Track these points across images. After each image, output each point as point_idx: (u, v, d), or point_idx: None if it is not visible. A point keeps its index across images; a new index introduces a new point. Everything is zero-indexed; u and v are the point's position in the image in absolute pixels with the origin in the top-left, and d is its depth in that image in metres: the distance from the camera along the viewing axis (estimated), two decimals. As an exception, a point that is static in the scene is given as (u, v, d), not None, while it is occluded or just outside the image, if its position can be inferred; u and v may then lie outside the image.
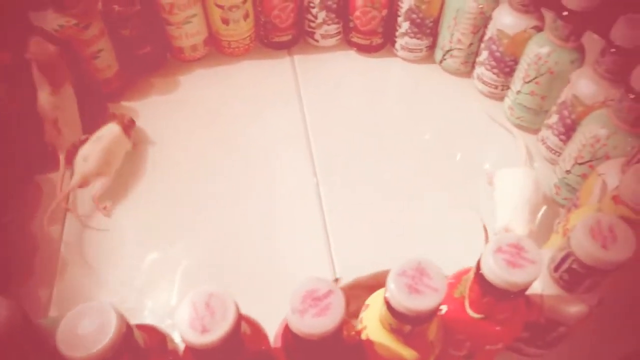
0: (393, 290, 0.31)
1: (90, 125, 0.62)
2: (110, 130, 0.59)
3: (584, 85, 0.52)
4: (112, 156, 0.58)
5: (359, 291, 0.45)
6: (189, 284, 0.52)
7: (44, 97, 0.57)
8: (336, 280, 0.49)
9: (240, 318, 0.31)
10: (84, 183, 0.57)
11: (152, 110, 0.67)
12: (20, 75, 0.57)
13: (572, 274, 0.36)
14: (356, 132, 0.66)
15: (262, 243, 0.56)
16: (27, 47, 0.55)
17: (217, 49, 0.72)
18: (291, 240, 0.56)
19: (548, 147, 0.60)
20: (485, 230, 0.54)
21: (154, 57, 0.69)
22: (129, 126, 0.61)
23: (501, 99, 0.67)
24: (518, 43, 0.60)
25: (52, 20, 0.58)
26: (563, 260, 0.36)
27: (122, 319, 0.31)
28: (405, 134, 0.66)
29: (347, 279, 0.49)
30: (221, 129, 0.66)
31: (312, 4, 0.68)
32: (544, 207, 0.56)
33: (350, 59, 0.74)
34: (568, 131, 0.56)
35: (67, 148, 0.59)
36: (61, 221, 0.57)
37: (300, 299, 0.31)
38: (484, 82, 0.67)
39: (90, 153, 0.57)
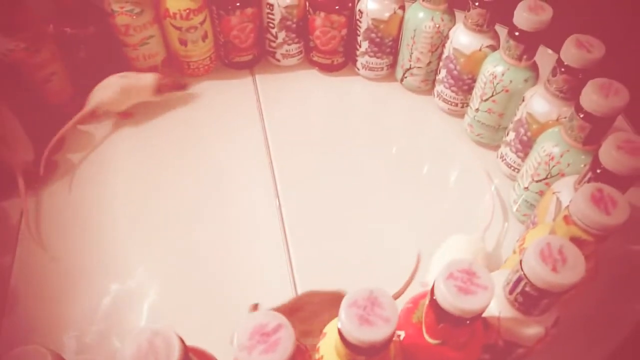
0: (344, 322, 0.31)
1: (47, 151, 0.60)
2: (143, 76, 0.63)
3: (537, 103, 0.53)
4: (128, 97, 0.62)
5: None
6: (154, 312, 0.51)
7: None
8: (255, 305, 0.48)
9: (186, 353, 0.30)
10: (95, 113, 0.62)
11: (108, 134, 0.65)
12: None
13: (526, 297, 0.36)
14: (319, 151, 0.66)
15: (225, 266, 0.55)
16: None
17: (177, 70, 0.71)
18: (254, 262, 0.55)
19: (507, 164, 0.60)
20: (418, 261, 0.52)
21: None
22: (166, 85, 0.65)
23: (461, 116, 0.68)
24: (474, 61, 0.60)
25: (0, 45, 0.56)
26: (516, 283, 0.36)
27: None
28: (369, 152, 0.66)
29: (267, 304, 0.47)
30: (182, 150, 0.65)
31: (271, 24, 0.68)
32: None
33: (313, 78, 0.74)
34: (525, 148, 0.57)
35: (21, 167, 0.56)
36: (12, 250, 0.55)
37: (248, 335, 0.30)
38: (444, 100, 0.67)
39: (111, 84, 0.62)
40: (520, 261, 0.35)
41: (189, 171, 0.63)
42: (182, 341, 0.30)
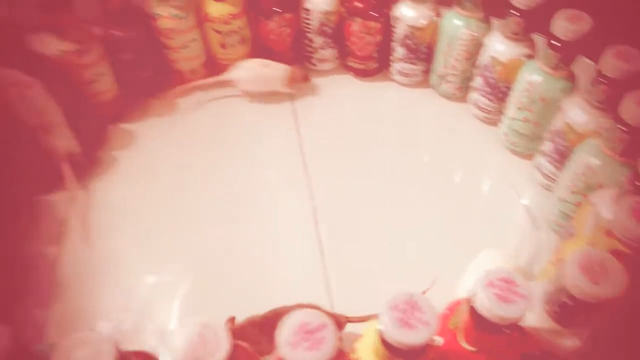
0: (386, 324, 0.31)
1: (91, 147, 0.63)
2: (279, 67, 0.68)
3: (576, 113, 0.53)
4: (261, 83, 0.68)
5: (251, 329, 0.45)
6: (187, 306, 0.53)
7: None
8: (231, 319, 0.47)
9: (234, 347, 0.32)
10: (227, 83, 0.69)
11: (151, 133, 0.68)
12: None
13: (565, 308, 0.36)
14: (352, 155, 0.66)
15: (259, 267, 0.56)
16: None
17: (216, 72, 0.73)
18: (288, 266, 0.56)
19: (543, 174, 0.60)
20: (432, 282, 0.50)
21: (153, 80, 0.69)
22: (295, 79, 0.69)
23: (496, 124, 0.68)
24: (511, 70, 0.60)
25: (52, 46, 0.59)
26: (555, 294, 0.36)
27: (116, 350, 0.31)
28: (401, 158, 0.66)
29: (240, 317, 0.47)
30: (218, 152, 0.66)
31: (308, 30, 0.69)
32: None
33: (347, 83, 0.74)
34: (562, 158, 0.56)
35: (66, 157, 0.59)
36: (59, 243, 0.57)
37: (292, 332, 0.31)
38: (478, 108, 0.67)
39: (251, 68, 0.68)
40: (560, 272, 0.35)
41: (226, 170, 0.64)
42: (230, 336, 0.31)
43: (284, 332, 0.31)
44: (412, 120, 0.71)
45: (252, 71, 0.68)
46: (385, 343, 0.32)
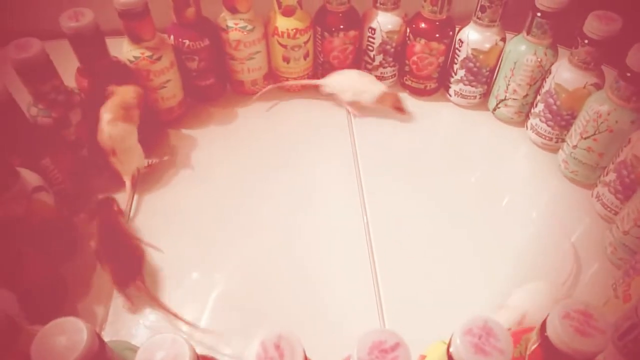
0: (459, 348, 0.31)
1: (150, 150, 0.65)
2: (376, 83, 0.71)
3: (646, 146, 0.52)
4: (356, 93, 0.70)
5: None
6: (222, 310, 0.54)
7: (102, 127, 0.58)
8: None
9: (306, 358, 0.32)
10: (320, 89, 0.72)
11: (209, 138, 0.70)
12: (94, 100, 0.60)
13: (638, 344, 0.35)
14: (406, 173, 0.67)
15: (306, 278, 0.56)
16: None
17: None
18: (337, 281, 0.56)
19: (603, 204, 0.59)
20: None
21: (215, 88, 0.72)
22: (387, 101, 0.70)
23: (554, 150, 0.67)
24: (576, 98, 0.60)
25: (127, 52, 0.62)
26: (629, 330, 0.36)
27: (93, 336, 0.32)
28: (455, 179, 0.66)
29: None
30: (274, 161, 0.68)
31: (370, 47, 0.71)
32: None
33: (404, 101, 0.75)
34: (626, 190, 0.55)
35: (133, 173, 0.61)
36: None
37: (367, 350, 0.31)
38: (537, 133, 0.67)
39: (350, 77, 0.71)
40: (637, 308, 0.35)
41: (280, 182, 0.65)
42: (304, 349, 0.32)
43: (359, 350, 0.31)
44: (468, 142, 0.71)
45: (350, 80, 0.71)
46: (456, 366, 0.32)
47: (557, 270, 0.56)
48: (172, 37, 0.65)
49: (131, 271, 0.54)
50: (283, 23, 0.66)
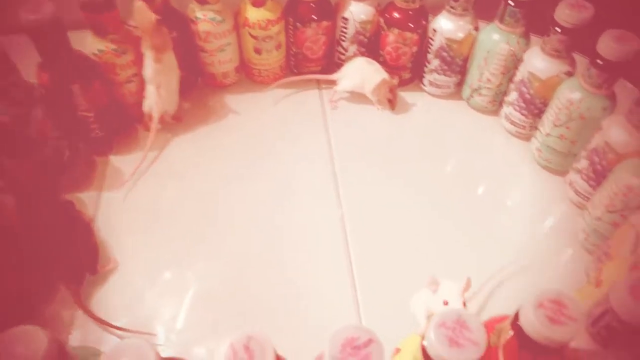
0: (433, 342, 0.31)
1: (123, 145, 0.65)
2: (381, 72, 0.68)
3: (616, 133, 0.52)
4: (362, 82, 0.69)
5: None
6: (200, 310, 0.53)
7: (148, 63, 0.60)
8: None
9: (278, 358, 0.31)
10: (334, 81, 0.71)
11: (181, 133, 0.68)
12: (57, 95, 0.58)
13: (610, 331, 0.36)
14: (381, 164, 0.66)
15: (282, 273, 0.55)
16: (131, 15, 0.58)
17: (247, 77, 0.73)
18: (313, 275, 0.56)
19: (576, 191, 0.59)
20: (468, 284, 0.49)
21: (186, 81, 0.70)
22: (381, 93, 0.69)
23: (527, 139, 0.67)
24: (549, 87, 0.60)
25: (91, 45, 0.59)
26: (601, 316, 0.36)
27: (52, 344, 0.31)
28: (430, 168, 0.66)
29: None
30: (247, 155, 0.67)
31: (343, 38, 0.69)
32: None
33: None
34: (598, 177, 0.56)
35: (162, 113, 0.63)
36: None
37: (339, 347, 0.30)
38: (511, 122, 0.67)
39: (359, 63, 0.69)
40: (608, 295, 0.35)
41: (253, 175, 0.64)
42: (274, 348, 0.31)
43: (331, 347, 0.30)
44: (442, 131, 0.71)
45: (360, 66, 0.69)
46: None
47: (532, 256, 0.57)
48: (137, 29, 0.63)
49: (80, 271, 0.53)
50: (254, 14, 0.65)
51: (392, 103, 0.70)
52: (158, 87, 0.61)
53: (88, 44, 0.60)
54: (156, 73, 0.61)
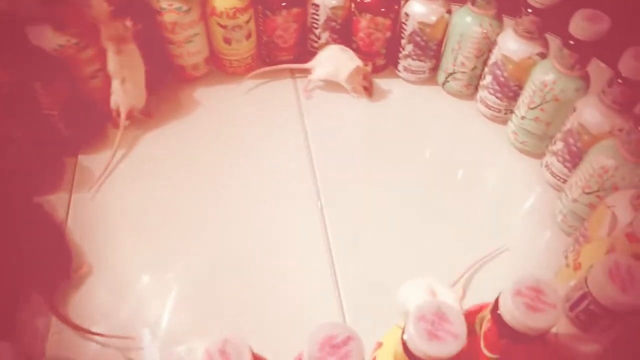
0: (412, 335, 0.31)
1: (91, 144, 0.62)
2: (355, 60, 0.67)
3: (590, 114, 0.52)
4: (336, 71, 0.67)
5: None
6: (181, 311, 0.51)
7: (110, 56, 0.58)
8: None
9: (255, 360, 0.31)
10: (308, 70, 0.69)
11: (152, 130, 0.66)
12: (18, 93, 0.55)
13: (589, 315, 0.35)
14: (358, 152, 0.66)
15: (263, 269, 0.55)
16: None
17: (218, 68, 0.71)
18: (294, 271, 0.55)
19: (552, 173, 0.60)
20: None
21: (154, 75, 0.67)
22: (355, 80, 0.68)
23: (504, 122, 0.67)
24: (523, 69, 0.60)
25: (51, 40, 0.57)
26: (579, 300, 0.36)
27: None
28: (407, 155, 0.66)
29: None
30: (222, 148, 0.65)
31: (315, 25, 0.68)
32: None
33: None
34: (573, 159, 0.56)
35: (129, 108, 0.61)
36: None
37: (317, 346, 0.30)
38: (487, 106, 0.67)
39: (333, 51, 0.67)
40: (586, 278, 0.35)
41: (229, 169, 0.63)
42: (251, 350, 0.30)
43: (309, 347, 0.30)
44: (419, 117, 0.70)
45: (333, 54, 0.67)
46: (410, 355, 0.31)
47: (513, 239, 0.57)
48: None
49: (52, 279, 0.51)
50: (221, 2, 0.62)
51: (367, 90, 0.69)
52: (123, 82, 0.59)
53: (47, 39, 0.57)
54: (119, 66, 0.58)
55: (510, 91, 0.63)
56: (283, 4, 0.64)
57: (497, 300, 0.34)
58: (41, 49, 0.56)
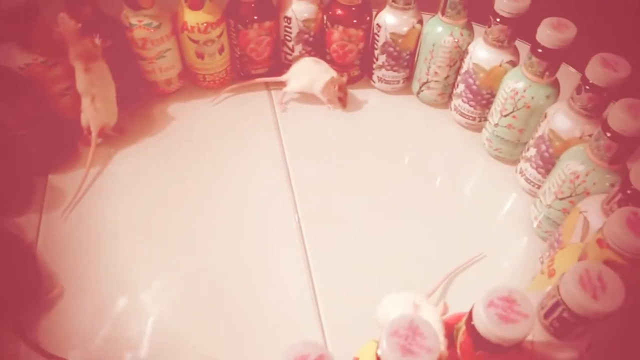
0: (385, 352, 0.30)
1: (63, 163, 0.61)
2: (329, 71, 0.67)
3: (560, 120, 0.53)
4: (311, 83, 0.68)
5: None
6: (159, 332, 0.50)
7: (79, 74, 0.58)
8: None
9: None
10: (283, 83, 0.69)
11: (126, 146, 0.65)
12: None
13: (563, 322, 0.35)
14: (334, 163, 0.65)
15: (241, 284, 0.54)
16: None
17: (192, 83, 0.71)
18: (271, 285, 0.54)
19: (526, 179, 0.60)
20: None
21: (126, 91, 0.66)
22: (331, 92, 0.68)
23: (478, 130, 0.67)
24: (494, 77, 0.60)
25: (17, 58, 0.56)
26: (553, 308, 0.36)
27: None
28: (384, 165, 0.66)
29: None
30: (198, 164, 0.64)
31: (288, 38, 0.68)
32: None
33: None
34: (546, 164, 0.56)
35: (101, 126, 0.60)
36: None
37: (290, 367, 0.29)
38: (461, 114, 0.67)
39: (306, 63, 0.67)
40: (558, 287, 0.35)
41: (205, 186, 0.62)
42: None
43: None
44: (394, 127, 0.71)
45: (307, 66, 0.67)
46: (385, 370, 0.31)
47: (488, 246, 0.57)
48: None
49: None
50: (192, 17, 0.62)
51: (342, 101, 0.69)
52: (93, 100, 0.58)
53: (13, 57, 0.56)
54: (88, 84, 0.58)
55: (483, 99, 0.63)
56: (255, 17, 0.64)
57: (471, 312, 0.34)
58: (7, 67, 0.55)
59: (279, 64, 0.72)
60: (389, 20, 0.64)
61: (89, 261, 0.55)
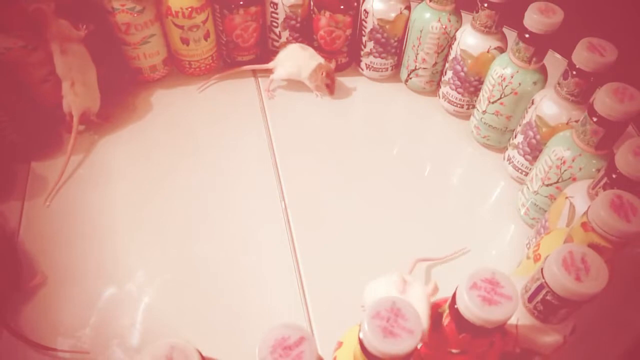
0: (367, 334, 0.30)
1: (45, 150, 0.60)
2: (316, 57, 0.66)
3: (547, 106, 0.53)
4: (298, 70, 0.67)
5: None
6: (151, 322, 0.49)
7: (56, 56, 0.57)
8: None
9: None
10: (270, 70, 0.69)
11: (109, 133, 0.64)
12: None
13: (547, 305, 0.35)
14: (322, 151, 0.65)
15: (227, 272, 0.53)
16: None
17: (178, 69, 0.70)
18: (258, 272, 0.54)
19: (514, 166, 0.60)
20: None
21: (111, 77, 0.65)
22: (318, 78, 0.67)
23: (467, 117, 0.67)
24: (482, 63, 0.60)
25: (-3, 42, 0.55)
26: (537, 291, 0.35)
27: None
28: (372, 153, 0.65)
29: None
30: (184, 152, 0.63)
31: (275, 24, 0.67)
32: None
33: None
34: (534, 151, 0.56)
35: (82, 111, 0.59)
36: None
37: (269, 349, 0.29)
38: (449, 101, 0.67)
39: (293, 50, 0.66)
40: (542, 269, 0.35)
41: (191, 173, 0.61)
42: (200, 354, 0.29)
43: (262, 349, 0.29)
44: (383, 115, 0.70)
45: (293, 53, 0.67)
46: (367, 352, 0.31)
47: (477, 233, 0.57)
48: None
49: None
50: (176, 2, 0.61)
51: (330, 88, 0.68)
52: (72, 84, 0.57)
53: (-7, 41, 0.55)
54: (66, 68, 0.57)
55: (471, 86, 0.63)
56: (240, 2, 0.63)
57: (454, 295, 0.33)
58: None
59: (265, 51, 0.71)
60: (377, 6, 0.63)
61: (74, 248, 0.54)
